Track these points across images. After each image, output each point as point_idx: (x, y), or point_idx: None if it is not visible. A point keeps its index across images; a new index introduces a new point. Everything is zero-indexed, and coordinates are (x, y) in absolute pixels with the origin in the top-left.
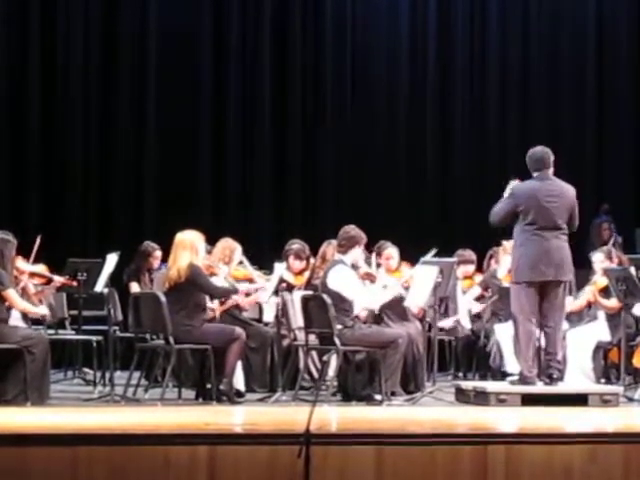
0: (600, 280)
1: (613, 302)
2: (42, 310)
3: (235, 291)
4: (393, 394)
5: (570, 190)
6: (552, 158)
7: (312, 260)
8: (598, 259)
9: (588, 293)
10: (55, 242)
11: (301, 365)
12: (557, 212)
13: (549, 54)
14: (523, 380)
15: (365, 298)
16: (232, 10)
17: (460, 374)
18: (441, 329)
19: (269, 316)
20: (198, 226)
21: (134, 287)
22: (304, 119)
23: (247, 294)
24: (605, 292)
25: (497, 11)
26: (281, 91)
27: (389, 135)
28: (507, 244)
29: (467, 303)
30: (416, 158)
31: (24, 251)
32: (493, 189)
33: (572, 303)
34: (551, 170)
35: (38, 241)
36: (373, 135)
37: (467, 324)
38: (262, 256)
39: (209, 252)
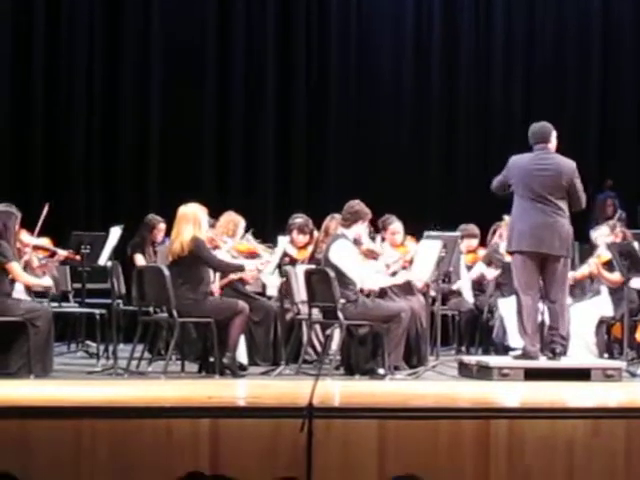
0: (604, 253)
1: (616, 276)
2: (46, 282)
3: (241, 268)
4: (396, 368)
5: (568, 165)
6: (554, 133)
7: (316, 234)
8: (602, 233)
9: (591, 265)
10: (59, 215)
11: (304, 339)
12: (550, 186)
13: (554, 32)
14: (526, 355)
15: (364, 279)
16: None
17: (463, 348)
18: (444, 301)
19: (272, 290)
20: (202, 199)
21: (139, 259)
22: (308, 94)
23: (252, 271)
24: (608, 266)
25: (502, 7)
26: (286, 79)
27: (394, 109)
28: (508, 218)
29: (474, 275)
30: (421, 133)
31: (28, 224)
32: (497, 163)
33: (574, 273)
34: (552, 145)
35: (46, 209)
36: (378, 110)
37: (470, 298)
38: (266, 230)
39: (212, 226)
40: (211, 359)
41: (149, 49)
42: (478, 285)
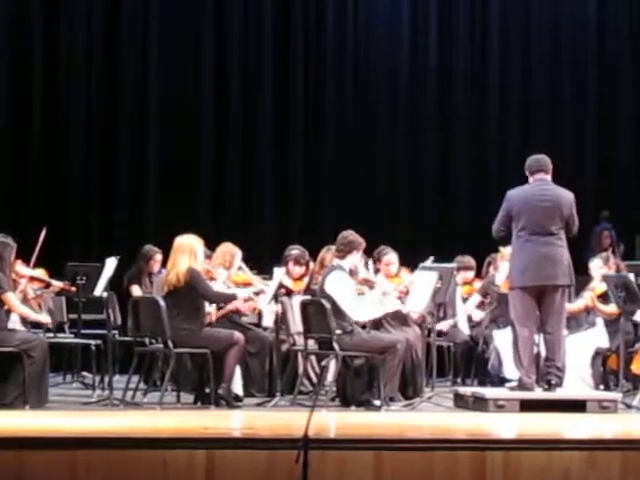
0: (599, 286)
1: (612, 308)
2: (44, 318)
3: (234, 297)
4: (392, 399)
5: (567, 195)
6: (550, 166)
7: (311, 266)
8: (596, 265)
9: (587, 298)
10: (55, 246)
11: (300, 370)
12: (551, 217)
13: (550, 60)
14: (522, 386)
15: (358, 311)
16: (234, 16)
17: (459, 380)
18: (439, 334)
19: (268, 321)
20: (198, 231)
21: (135, 290)
22: (306, 128)
23: (247, 300)
24: (604, 298)
25: (498, 16)
26: (283, 101)
27: (389, 141)
28: (504, 250)
29: (468, 310)
30: (416, 164)
31: (24, 253)
32: (493, 195)
33: (569, 306)
34: (549, 177)
35: (43, 234)
36: (373, 141)
37: (466, 330)
38: (262, 261)
39: (208, 257)
40: (207, 390)
41: (146, 86)
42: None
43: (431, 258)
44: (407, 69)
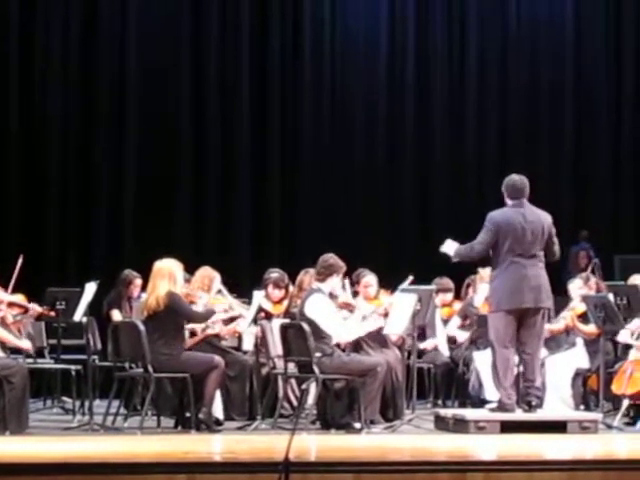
0: (578, 306)
1: (591, 328)
2: (25, 344)
3: (212, 312)
4: (372, 422)
5: (547, 217)
6: (528, 188)
7: (291, 289)
8: (576, 285)
9: (567, 318)
10: (34, 271)
11: (280, 393)
12: (534, 239)
13: (527, 81)
14: (502, 407)
15: (340, 332)
16: (211, 39)
17: (439, 402)
18: (420, 354)
19: (248, 344)
20: (177, 255)
21: (115, 315)
22: (283, 151)
23: (230, 319)
24: (583, 318)
25: (476, 36)
26: (261, 125)
27: (367, 164)
28: (483, 272)
29: (451, 332)
30: (394, 186)
31: (2, 280)
32: (471, 217)
33: (550, 326)
34: (526, 198)
35: (20, 261)
36: (352, 164)
37: (446, 352)
38: (241, 285)
39: (187, 281)
40: (187, 414)
41: (124, 112)
42: (454, 338)
43: (410, 277)
44: (384, 91)
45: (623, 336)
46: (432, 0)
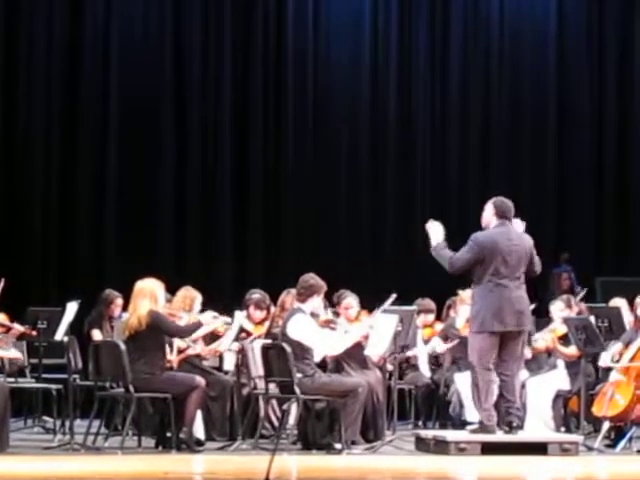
0: (559, 328)
1: (572, 350)
2: (13, 353)
3: (199, 324)
4: (353, 443)
5: (528, 239)
6: (513, 212)
7: (272, 309)
8: (557, 307)
9: (547, 340)
10: (15, 290)
11: (261, 414)
12: (517, 262)
13: (510, 102)
14: (483, 429)
15: (325, 345)
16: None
17: (420, 423)
18: (401, 375)
19: (229, 365)
20: (159, 275)
21: (96, 334)
22: (265, 169)
23: (211, 339)
24: (564, 340)
25: (458, 62)
26: (243, 140)
27: (350, 184)
28: (463, 294)
29: (430, 349)
30: (376, 207)
31: None
32: (453, 239)
33: (530, 347)
34: (510, 222)
35: (1, 284)
36: (335, 185)
37: (427, 372)
38: (223, 305)
39: (169, 301)
40: (168, 434)
41: (106, 131)
42: (434, 359)
43: (393, 295)
44: (368, 113)
45: (604, 360)
46: (415, 19)
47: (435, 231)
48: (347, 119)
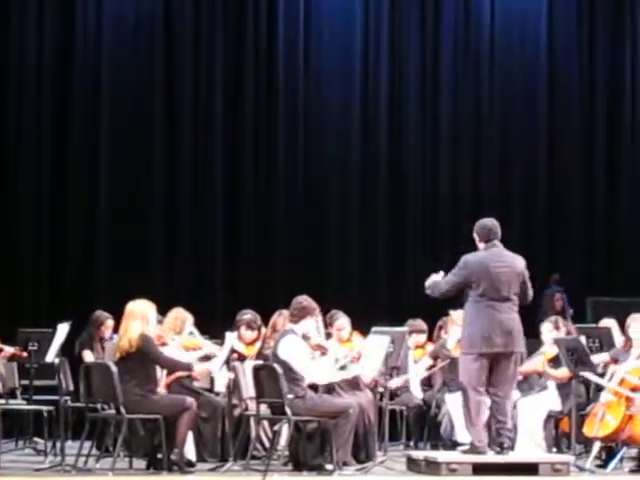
0: (549, 350)
1: (562, 372)
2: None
3: (187, 367)
4: (344, 464)
5: (519, 260)
6: (500, 230)
7: (263, 330)
8: (546, 329)
9: (537, 363)
10: (6, 312)
11: (252, 435)
12: (508, 283)
13: (501, 121)
14: (474, 450)
15: (314, 373)
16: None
17: (411, 444)
18: (392, 396)
19: (220, 386)
20: (150, 296)
21: (87, 356)
22: (256, 185)
23: (205, 357)
24: (554, 362)
25: (449, 77)
26: (237, 160)
27: (341, 204)
28: (454, 314)
29: (420, 372)
30: (367, 227)
31: None
32: (444, 259)
33: (521, 369)
34: (499, 241)
35: None
36: (325, 204)
37: (418, 394)
38: (214, 326)
39: (160, 322)
40: (159, 456)
41: (97, 149)
42: (426, 380)
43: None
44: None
45: (589, 373)
46: (406, 36)
47: (431, 279)
48: (338, 143)
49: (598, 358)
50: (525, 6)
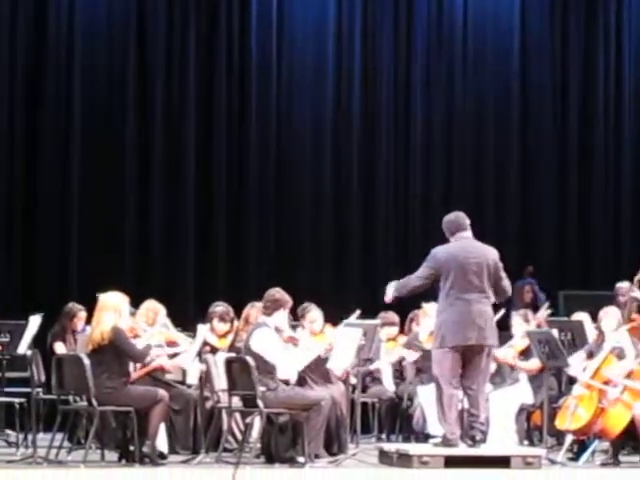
0: (519, 343)
1: (532, 364)
2: None
3: (148, 348)
4: (316, 456)
5: (491, 251)
6: (468, 221)
7: (236, 323)
8: (516, 322)
9: (507, 356)
10: None
11: (224, 427)
12: (478, 275)
13: (474, 117)
14: (446, 442)
15: (287, 365)
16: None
17: (383, 436)
18: (365, 389)
19: (192, 378)
20: (122, 287)
21: (59, 347)
22: (229, 180)
23: (172, 356)
24: (524, 354)
25: (422, 79)
26: (207, 150)
27: (314, 197)
28: (427, 306)
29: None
30: (341, 221)
31: None
32: (416, 253)
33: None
34: (469, 232)
35: None
36: (298, 198)
37: (390, 386)
38: (186, 318)
39: (133, 314)
40: (131, 448)
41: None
42: (398, 373)
43: (357, 311)
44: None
45: (574, 369)
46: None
47: (390, 287)
48: (311, 136)
49: (576, 358)
50: (498, 6)
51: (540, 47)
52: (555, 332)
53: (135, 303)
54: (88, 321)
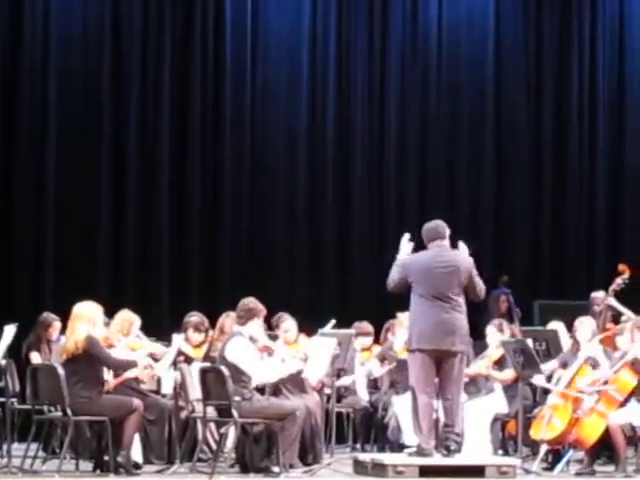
0: (494, 352)
1: (507, 374)
2: None
3: (134, 364)
4: (291, 466)
5: (466, 260)
6: (447, 231)
7: (211, 333)
8: (491, 331)
9: (481, 367)
10: None
11: (199, 437)
12: (449, 283)
13: (448, 124)
14: (421, 452)
15: (262, 372)
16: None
17: (358, 446)
18: (339, 399)
19: (167, 388)
20: (97, 298)
21: (35, 357)
22: (203, 190)
23: (146, 367)
24: (499, 364)
25: (397, 85)
26: (181, 161)
27: (288, 206)
28: (402, 316)
29: (367, 372)
30: (315, 230)
31: None
32: (390, 262)
33: (467, 371)
34: (446, 242)
35: None
36: (272, 211)
37: (365, 396)
38: (161, 328)
39: (107, 324)
40: (105, 458)
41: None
42: (373, 382)
43: (332, 321)
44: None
45: (538, 379)
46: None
47: (404, 245)
48: (286, 144)
49: (548, 366)
50: (472, 12)
51: (514, 51)
52: (530, 342)
53: (110, 313)
54: (63, 331)
